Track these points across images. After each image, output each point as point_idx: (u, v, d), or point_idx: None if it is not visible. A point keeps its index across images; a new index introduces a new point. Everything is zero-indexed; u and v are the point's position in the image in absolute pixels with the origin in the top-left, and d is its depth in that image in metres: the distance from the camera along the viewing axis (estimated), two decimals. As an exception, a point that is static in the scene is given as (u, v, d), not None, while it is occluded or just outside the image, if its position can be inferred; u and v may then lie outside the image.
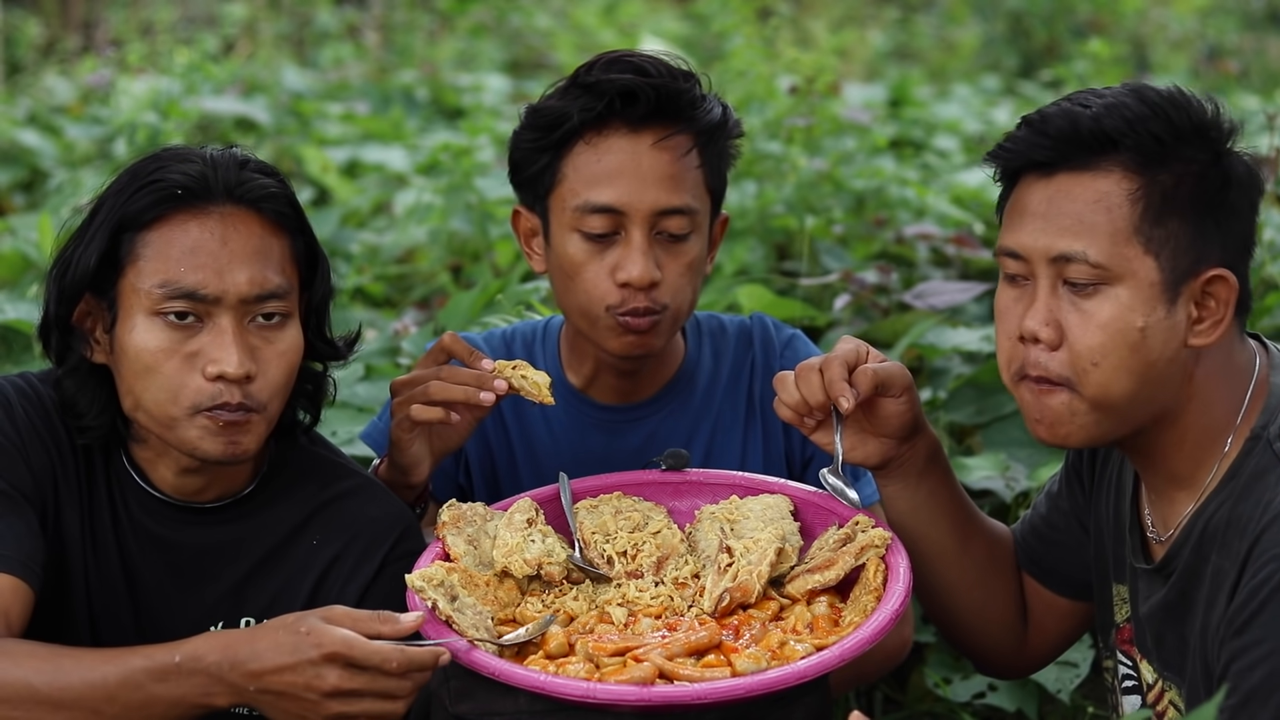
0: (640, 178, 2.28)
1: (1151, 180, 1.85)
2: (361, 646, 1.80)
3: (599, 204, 2.28)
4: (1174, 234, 1.85)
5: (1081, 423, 1.91)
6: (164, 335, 2.02)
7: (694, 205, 2.31)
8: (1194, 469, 1.94)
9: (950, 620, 2.24)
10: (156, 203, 2.04)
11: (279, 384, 2.07)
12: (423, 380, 2.22)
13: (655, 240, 2.30)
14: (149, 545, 2.15)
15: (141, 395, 2.05)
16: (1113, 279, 1.86)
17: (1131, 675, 2.07)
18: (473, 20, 11.13)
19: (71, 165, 6.69)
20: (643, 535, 2.13)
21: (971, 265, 4.56)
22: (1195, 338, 1.88)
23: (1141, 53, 11.07)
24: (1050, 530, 2.20)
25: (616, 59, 2.33)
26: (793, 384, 2.06)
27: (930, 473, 2.13)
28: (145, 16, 11.10)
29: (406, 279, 5.11)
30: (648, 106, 2.28)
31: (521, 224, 2.43)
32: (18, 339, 3.44)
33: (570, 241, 2.31)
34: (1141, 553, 2.02)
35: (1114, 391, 1.88)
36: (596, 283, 2.30)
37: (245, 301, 2.03)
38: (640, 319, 2.30)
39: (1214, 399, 1.92)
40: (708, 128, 2.33)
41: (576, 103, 2.29)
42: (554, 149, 2.31)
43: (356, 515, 2.19)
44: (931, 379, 3.74)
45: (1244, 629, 1.78)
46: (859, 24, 12.37)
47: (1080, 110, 1.88)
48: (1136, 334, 1.86)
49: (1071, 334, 1.88)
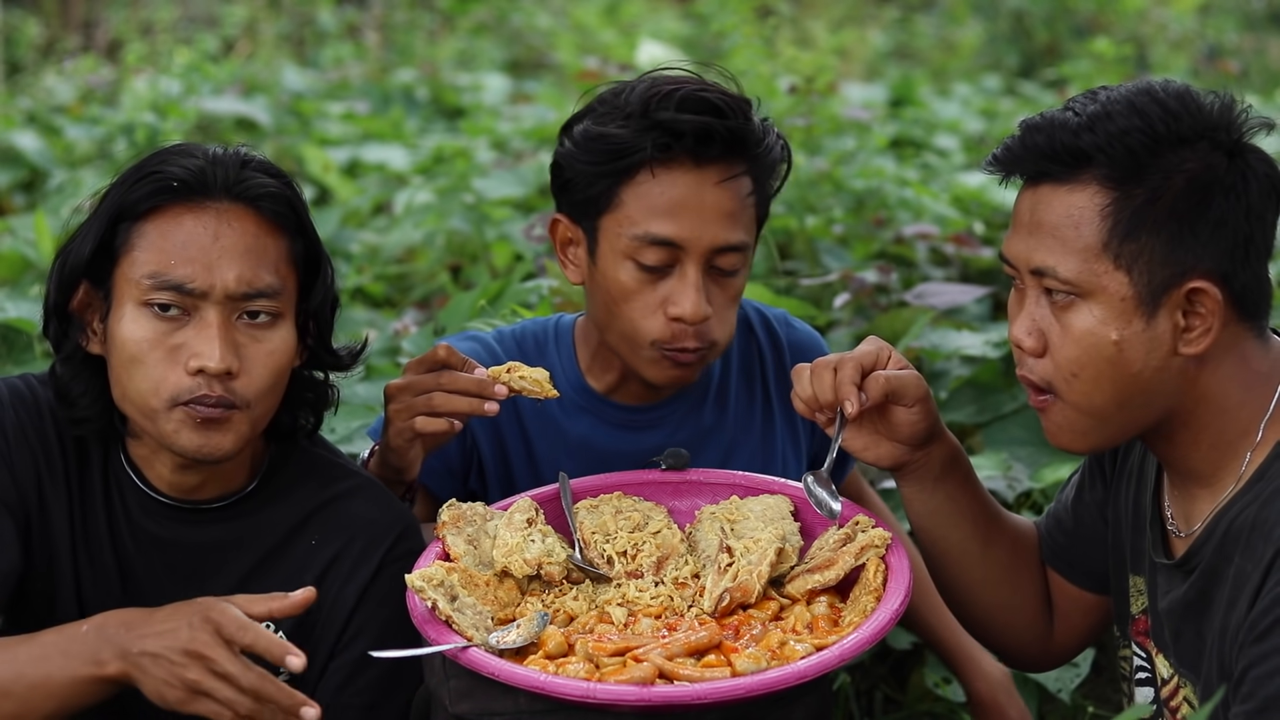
0: (702, 214, 2.26)
1: (1125, 195, 1.84)
2: (234, 620, 1.84)
3: (659, 236, 2.26)
4: (1146, 249, 1.83)
5: (1079, 429, 1.92)
6: (150, 326, 2.02)
7: (747, 240, 2.30)
8: (1215, 468, 1.93)
9: (975, 616, 2.24)
10: (153, 194, 2.04)
11: (264, 384, 2.06)
12: (421, 388, 2.21)
13: (707, 274, 2.29)
14: (146, 545, 2.15)
15: (127, 385, 2.05)
16: (1084, 294, 1.86)
17: (1145, 667, 2.06)
18: (473, 20, 11.14)
19: (71, 165, 6.69)
20: (643, 535, 2.13)
21: (971, 265, 4.56)
22: (1186, 346, 1.87)
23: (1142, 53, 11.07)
24: (1075, 524, 2.19)
25: (689, 95, 2.27)
26: (808, 378, 2.06)
27: (948, 478, 2.13)
28: (145, 16, 11.10)
29: (406, 279, 5.11)
30: (720, 148, 2.26)
31: (560, 232, 2.40)
32: (18, 338, 3.44)
33: (623, 269, 2.29)
34: (1162, 547, 2.01)
35: (1096, 401, 1.89)
36: (645, 314, 2.28)
37: (232, 298, 2.03)
38: (689, 354, 2.29)
39: (1229, 401, 1.90)
40: (770, 165, 2.33)
41: (648, 136, 2.25)
42: (615, 176, 2.28)
43: (355, 516, 2.19)
44: (932, 379, 3.74)
45: (1265, 636, 1.78)
46: (859, 24, 12.38)
47: (1066, 120, 1.87)
48: (1111, 347, 1.86)
49: (1052, 344, 1.90)
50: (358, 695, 2.13)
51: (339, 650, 2.15)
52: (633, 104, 2.28)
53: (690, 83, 2.30)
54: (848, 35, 10.94)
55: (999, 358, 3.64)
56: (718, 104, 2.27)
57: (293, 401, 2.17)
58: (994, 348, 3.58)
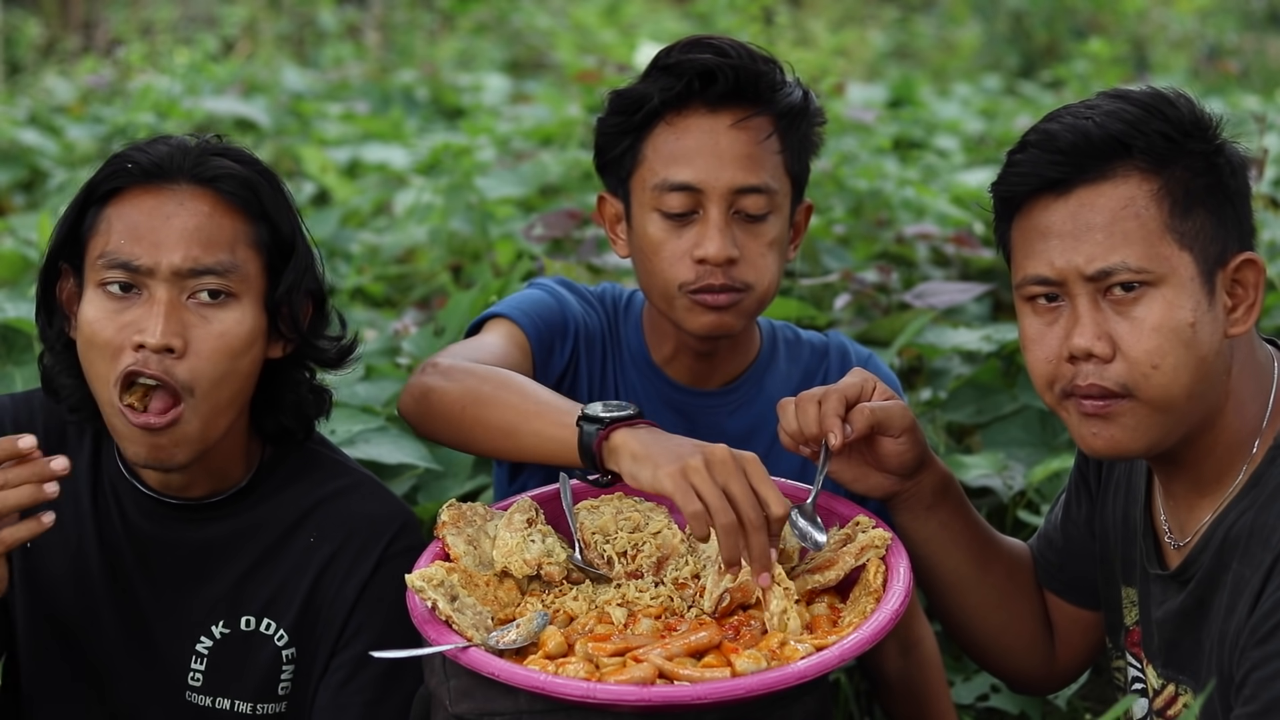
0: (718, 156, 2.30)
1: (1170, 177, 1.85)
2: None
3: (677, 182, 2.30)
4: (1201, 225, 1.85)
5: (1144, 430, 1.88)
6: (104, 306, 2.02)
7: (772, 185, 2.32)
8: (1220, 475, 1.93)
9: (975, 642, 2.23)
10: (113, 175, 2.05)
11: (212, 368, 2.02)
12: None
13: (734, 220, 2.31)
14: (138, 542, 2.14)
15: (89, 371, 2.05)
16: (1156, 280, 1.85)
17: (1140, 678, 2.06)
18: (473, 20, 11.14)
19: (71, 165, 6.69)
20: (643, 535, 2.13)
21: (971, 265, 4.56)
22: (1233, 327, 1.88)
23: (1141, 53, 11.08)
24: (1065, 542, 2.19)
25: (696, 41, 2.36)
26: (793, 412, 2.07)
27: (940, 506, 2.13)
28: (145, 16, 11.10)
29: (406, 279, 5.10)
30: (726, 86, 2.30)
31: (607, 210, 2.45)
32: (18, 338, 3.43)
33: (650, 221, 2.33)
34: (1156, 558, 2.01)
35: (1175, 391, 1.86)
36: (674, 261, 2.31)
37: (179, 274, 2.01)
38: (717, 295, 2.30)
39: (1244, 399, 1.92)
40: (788, 111, 2.34)
41: (657, 84, 2.32)
42: (635, 131, 2.34)
43: (353, 512, 2.18)
44: (931, 379, 3.74)
45: (1267, 639, 1.78)
46: (859, 24, 12.38)
47: (1083, 122, 1.87)
48: (1189, 330, 1.85)
49: (1124, 343, 1.86)
50: (359, 692, 2.13)
51: (340, 648, 2.15)
52: (648, 64, 2.37)
53: (707, 36, 2.37)
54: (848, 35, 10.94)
55: (999, 357, 3.64)
56: (721, 47, 2.33)
57: (277, 401, 2.15)
58: (991, 342, 3.58)
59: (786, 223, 2.38)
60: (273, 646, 2.16)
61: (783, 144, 2.34)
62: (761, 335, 2.53)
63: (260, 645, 2.16)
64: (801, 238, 2.47)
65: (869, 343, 3.61)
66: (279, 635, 2.16)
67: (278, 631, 2.16)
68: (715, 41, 2.35)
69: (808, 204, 2.47)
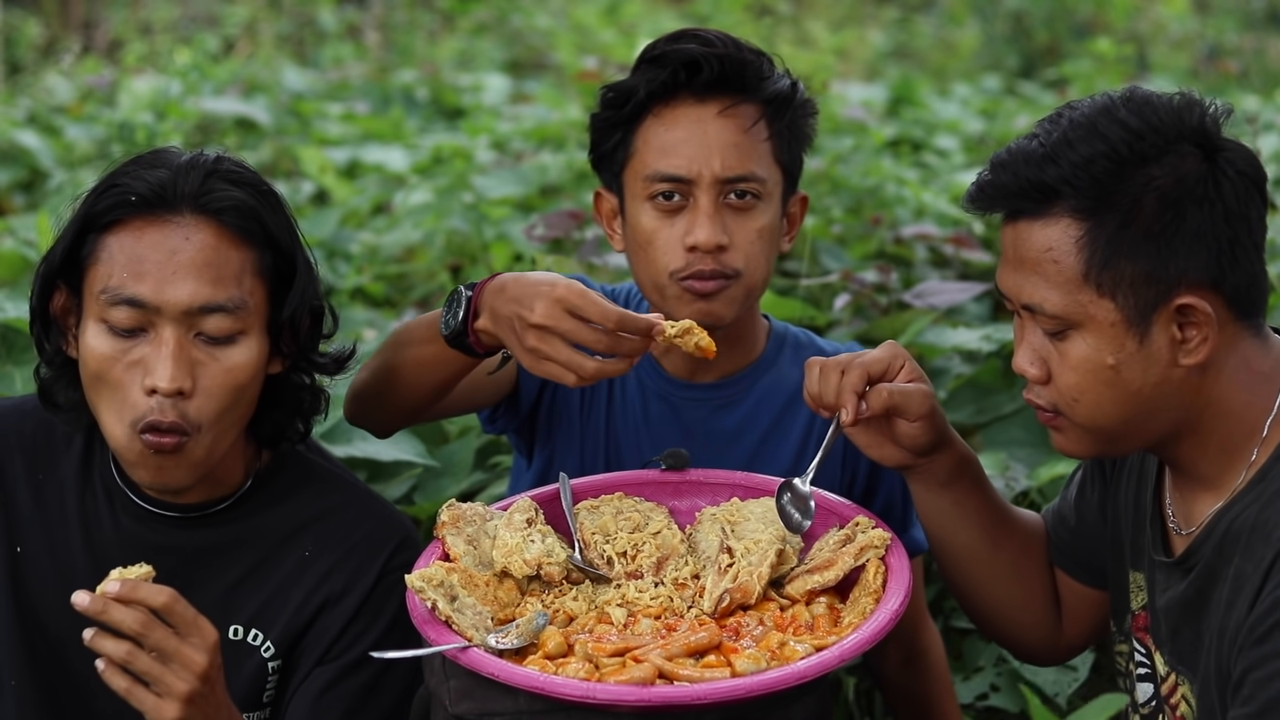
0: (706, 145, 2.32)
1: (1098, 223, 1.84)
2: None
3: (667, 173, 2.32)
4: (1127, 273, 1.83)
5: (1087, 445, 1.95)
6: (109, 342, 2.00)
7: (760, 174, 2.34)
8: (1220, 471, 1.93)
9: (983, 613, 2.25)
10: (114, 207, 2.02)
11: (219, 405, 2.01)
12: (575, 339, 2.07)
13: (723, 207, 2.33)
14: (130, 547, 2.11)
15: (96, 403, 2.03)
16: (1074, 324, 1.87)
17: (1145, 663, 2.07)
18: (473, 20, 11.14)
19: (71, 165, 6.68)
20: (643, 536, 2.13)
21: (970, 265, 4.56)
22: (1186, 357, 1.87)
23: (1142, 53, 11.07)
24: (1078, 521, 2.20)
25: (682, 33, 2.38)
26: (817, 374, 2.07)
27: (955, 484, 2.13)
28: (145, 16, 11.10)
29: (406, 279, 5.10)
30: (712, 75, 2.31)
31: (603, 205, 2.47)
32: (18, 339, 3.43)
33: (643, 212, 2.35)
34: (1161, 544, 2.02)
35: (1101, 421, 1.90)
36: (666, 251, 2.33)
37: (188, 313, 1.99)
38: (706, 282, 2.31)
39: (1234, 404, 1.90)
40: (775, 98, 2.36)
41: (644, 76, 2.34)
42: (625, 124, 2.36)
43: (351, 530, 2.17)
44: (932, 377, 3.73)
45: (1265, 638, 1.78)
46: (859, 24, 12.38)
47: (1031, 154, 1.87)
48: (1108, 371, 1.87)
49: (1053, 370, 1.91)
50: (338, 700, 2.11)
51: (327, 659, 2.13)
52: (636, 58, 2.39)
53: (693, 29, 2.39)
54: (848, 35, 10.94)
55: (999, 357, 3.64)
56: (707, 37, 2.35)
57: (274, 407, 2.14)
58: (991, 342, 3.58)
59: (778, 212, 2.38)
60: (259, 657, 2.14)
61: (771, 131, 2.35)
62: (769, 338, 2.53)
63: (246, 655, 2.13)
64: (797, 230, 2.47)
65: (869, 343, 3.60)
66: (265, 647, 2.14)
67: (264, 643, 2.14)
68: (701, 33, 2.37)
69: (802, 196, 2.48)
